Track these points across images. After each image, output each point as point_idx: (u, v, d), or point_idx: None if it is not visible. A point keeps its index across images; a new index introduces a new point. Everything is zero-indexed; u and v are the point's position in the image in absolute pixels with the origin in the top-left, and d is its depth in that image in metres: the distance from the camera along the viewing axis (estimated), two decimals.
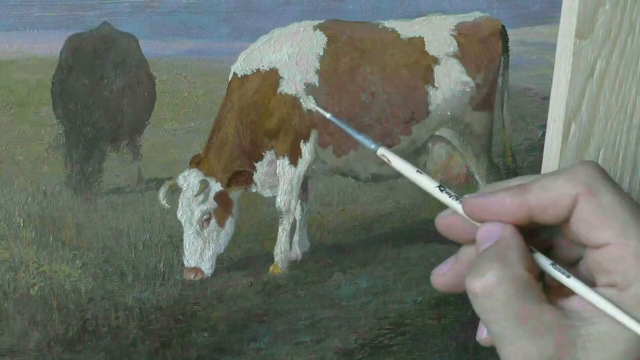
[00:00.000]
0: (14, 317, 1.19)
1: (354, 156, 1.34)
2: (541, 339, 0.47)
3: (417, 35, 1.34)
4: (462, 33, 1.35)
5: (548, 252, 0.54)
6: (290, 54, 1.28)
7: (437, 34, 1.34)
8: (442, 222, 0.56)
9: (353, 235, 1.35)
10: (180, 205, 1.27)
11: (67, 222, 1.20)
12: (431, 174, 1.41)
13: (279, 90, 1.28)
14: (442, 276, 0.56)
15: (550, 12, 1.35)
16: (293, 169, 1.31)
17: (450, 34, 1.35)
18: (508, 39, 1.37)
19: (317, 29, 1.29)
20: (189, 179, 1.27)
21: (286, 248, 1.32)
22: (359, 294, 1.35)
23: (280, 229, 1.32)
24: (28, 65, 1.12)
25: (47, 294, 1.19)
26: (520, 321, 0.47)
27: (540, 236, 0.54)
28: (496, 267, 0.49)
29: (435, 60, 1.35)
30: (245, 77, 1.28)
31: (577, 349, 0.46)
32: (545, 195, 0.49)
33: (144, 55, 1.19)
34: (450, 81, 1.35)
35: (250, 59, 1.27)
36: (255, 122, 1.30)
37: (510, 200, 0.51)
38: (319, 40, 1.29)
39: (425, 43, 1.34)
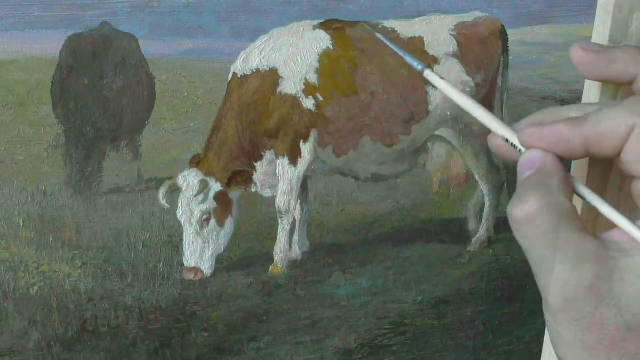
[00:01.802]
0: (13, 317, 1.19)
1: (353, 156, 1.34)
2: (580, 268, 0.47)
3: (416, 35, 1.34)
4: (461, 33, 1.35)
5: None
6: (290, 54, 1.28)
7: (436, 33, 1.34)
8: (494, 142, 0.55)
9: (353, 235, 1.35)
10: (180, 205, 1.27)
11: (67, 222, 1.20)
12: (431, 174, 1.42)
13: (278, 90, 1.28)
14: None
15: (550, 12, 1.35)
16: (293, 168, 1.31)
17: (450, 34, 1.35)
18: (508, 39, 1.37)
19: (317, 29, 1.29)
20: (189, 179, 1.27)
21: (286, 248, 1.32)
22: (358, 294, 1.35)
23: (280, 228, 1.32)
24: (28, 65, 1.12)
25: (47, 293, 1.19)
26: (560, 250, 0.48)
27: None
28: (538, 194, 0.49)
29: (435, 60, 1.35)
30: (245, 77, 1.28)
31: (614, 281, 0.47)
32: (602, 125, 0.49)
33: (143, 55, 1.19)
34: (450, 81, 1.35)
35: (250, 59, 1.27)
36: (255, 121, 1.30)
37: (568, 131, 0.51)
38: (319, 40, 1.29)
39: (425, 43, 1.34)
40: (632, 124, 0.48)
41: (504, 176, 1.42)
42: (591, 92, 0.61)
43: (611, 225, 0.50)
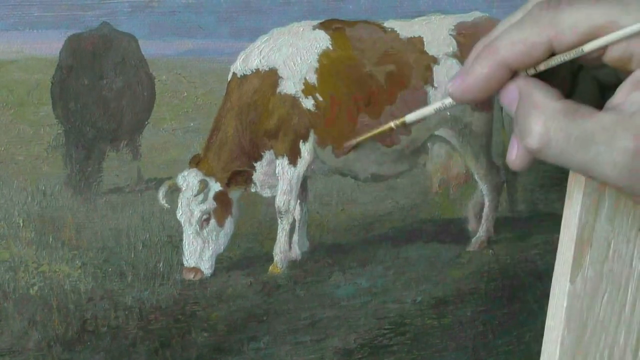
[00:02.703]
0: (13, 317, 1.19)
1: (353, 156, 1.34)
2: (617, 141, 0.48)
3: (416, 35, 1.34)
4: (461, 33, 1.35)
5: None
6: (290, 54, 1.28)
7: (436, 33, 1.34)
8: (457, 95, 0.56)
9: (352, 235, 1.35)
10: (179, 205, 1.27)
11: (66, 222, 1.20)
12: (431, 174, 1.42)
13: (278, 90, 1.28)
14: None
15: None
16: (292, 168, 1.31)
17: (450, 34, 1.35)
18: None
19: (317, 29, 1.29)
20: (189, 179, 1.27)
21: (285, 248, 1.32)
22: (358, 294, 1.35)
23: (279, 228, 1.32)
24: (28, 65, 1.12)
25: (47, 293, 1.19)
26: (590, 141, 0.49)
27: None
28: (535, 119, 0.50)
29: (435, 60, 1.35)
30: (244, 77, 1.28)
31: None
32: (516, 48, 0.51)
33: (143, 55, 1.19)
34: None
35: (250, 59, 1.27)
36: (255, 122, 1.30)
37: (486, 70, 0.52)
38: (319, 40, 1.30)
39: (425, 43, 1.34)
40: (546, 40, 0.50)
41: (504, 176, 1.42)
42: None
43: None
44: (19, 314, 1.19)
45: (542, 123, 0.50)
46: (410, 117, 0.58)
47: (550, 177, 1.47)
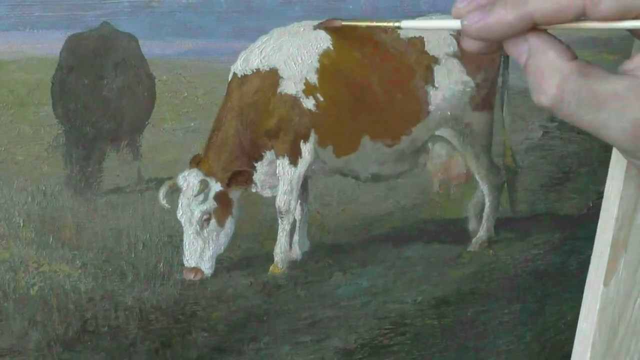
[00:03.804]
0: (14, 317, 1.19)
1: (354, 156, 1.34)
2: (628, 110, 0.48)
3: (417, 35, 1.34)
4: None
5: None
6: (290, 54, 1.28)
7: (437, 33, 1.34)
8: (465, 45, 0.55)
9: (353, 235, 1.35)
10: (180, 205, 1.27)
11: (67, 222, 1.20)
12: (431, 174, 1.42)
13: (278, 90, 1.28)
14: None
15: None
16: (293, 169, 1.31)
17: (450, 34, 1.35)
18: None
19: (317, 29, 1.29)
20: (189, 179, 1.27)
21: (286, 248, 1.32)
22: (359, 294, 1.35)
23: (280, 229, 1.32)
24: (28, 65, 1.12)
25: (47, 294, 1.19)
26: (601, 105, 0.49)
27: None
28: (550, 80, 0.50)
29: (436, 60, 1.35)
30: (245, 77, 1.28)
31: None
32: (547, 5, 0.50)
33: (143, 55, 1.19)
34: (450, 81, 1.35)
35: (250, 59, 1.27)
36: (255, 122, 1.30)
37: (510, 18, 0.51)
38: (319, 40, 1.29)
39: (425, 43, 1.34)
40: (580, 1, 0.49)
41: (504, 176, 1.42)
42: None
43: None
44: (19, 314, 1.19)
45: (557, 84, 0.50)
46: (405, 24, 0.56)
47: (550, 177, 1.47)
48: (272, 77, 1.28)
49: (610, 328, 0.59)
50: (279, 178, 1.32)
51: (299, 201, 1.33)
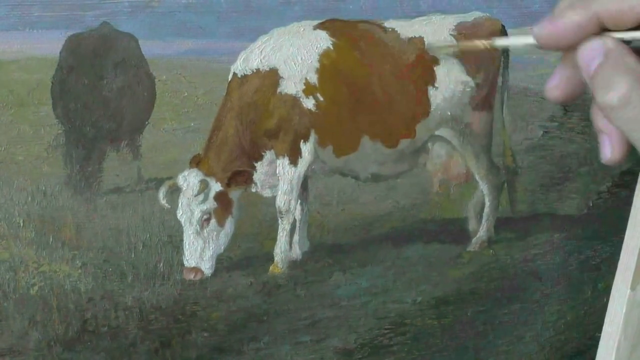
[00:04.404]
0: (14, 317, 1.19)
1: (353, 156, 1.34)
2: None
3: (417, 35, 1.34)
4: (461, 33, 1.35)
5: None
6: (290, 54, 1.28)
7: (437, 33, 1.34)
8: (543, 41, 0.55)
9: (353, 235, 1.35)
10: (180, 205, 1.27)
11: (67, 222, 1.20)
12: (431, 174, 1.42)
13: (278, 90, 1.28)
14: (556, 88, 0.55)
15: (550, 12, 1.35)
16: (293, 169, 1.31)
17: (450, 34, 1.35)
18: None
19: (317, 29, 1.29)
20: (189, 179, 1.27)
21: (286, 248, 1.32)
22: (358, 294, 1.35)
23: (280, 228, 1.32)
24: (28, 65, 1.12)
25: (47, 294, 1.19)
26: None
27: None
28: (622, 76, 0.50)
29: (435, 60, 1.35)
30: (245, 77, 1.28)
31: None
32: (613, 5, 0.50)
33: (143, 55, 1.19)
34: (450, 81, 1.35)
35: (250, 59, 1.27)
36: (255, 121, 1.29)
37: (578, 18, 0.51)
38: (319, 40, 1.29)
39: (425, 43, 1.34)
40: None
41: (504, 176, 1.42)
42: None
43: None
44: (19, 314, 1.19)
45: (629, 83, 0.50)
46: (499, 42, 0.57)
47: (550, 177, 1.47)
48: (272, 77, 1.28)
49: (636, 332, 0.59)
50: (279, 178, 1.32)
51: (299, 201, 1.33)
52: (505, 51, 1.38)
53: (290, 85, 1.28)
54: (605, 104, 0.51)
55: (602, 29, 0.51)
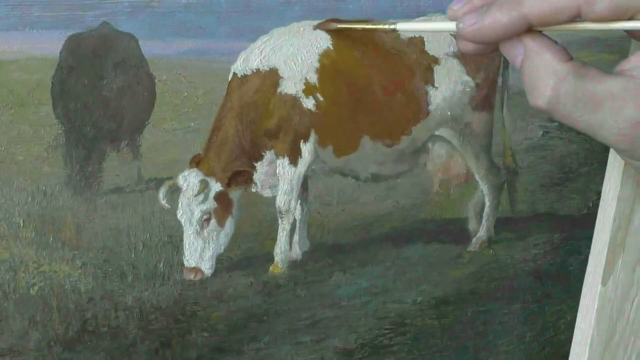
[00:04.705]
0: (14, 317, 1.19)
1: (354, 156, 1.34)
2: (623, 110, 0.49)
3: (416, 35, 1.34)
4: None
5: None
6: (290, 54, 1.28)
7: (437, 33, 1.34)
8: (461, 47, 0.55)
9: (353, 235, 1.35)
10: (180, 205, 1.27)
11: (67, 222, 1.20)
12: (431, 174, 1.42)
13: (278, 90, 1.28)
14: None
15: None
16: (293, 169, 1.31)
17: (450, 34, 1.35)
18: None
19: (317, 29, 1.29)
20: (189, 179, 1.27)
21: (286, 248, 1.32)
22: (359, 294, 1.35)
23: (280, 228, 1.32)
24: (28, 65, 1.12)
25: (47, 294, 1.19)
26: (597, 106, 0.49)
27: None
28: (545, 81, 0.50)
29: (435, 60, 1.35)
30: (245, 77, 1.28)
31: None
32: (543, 6, 0.50)
33: (143, 55, 1.19)
34: (450, 81, 1.35)
35: (250, 59, 1.27)
36: (255, 122, 1.30)
37: (506, 19, 0.51)
38: (319, 40, 1.29)
39: (425, 43, 1.34)
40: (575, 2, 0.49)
41: (504, 176, 1.42)
42: None
43: None
44: (19, 314, 1.19)
45: (552, 86, 0.50)
46: (401, 26, 0.57)
47: (550, 177, 1.47)
48: (272, 77, 1.28)
49: (608, 328, 0.59)
50: (279, 178, 1.32)
51: (299, 201, 1.33)
52: None
53: (290, 85, 1.28)
54: (537, 108, 0.51)
55: (529, 27, 0.51)
